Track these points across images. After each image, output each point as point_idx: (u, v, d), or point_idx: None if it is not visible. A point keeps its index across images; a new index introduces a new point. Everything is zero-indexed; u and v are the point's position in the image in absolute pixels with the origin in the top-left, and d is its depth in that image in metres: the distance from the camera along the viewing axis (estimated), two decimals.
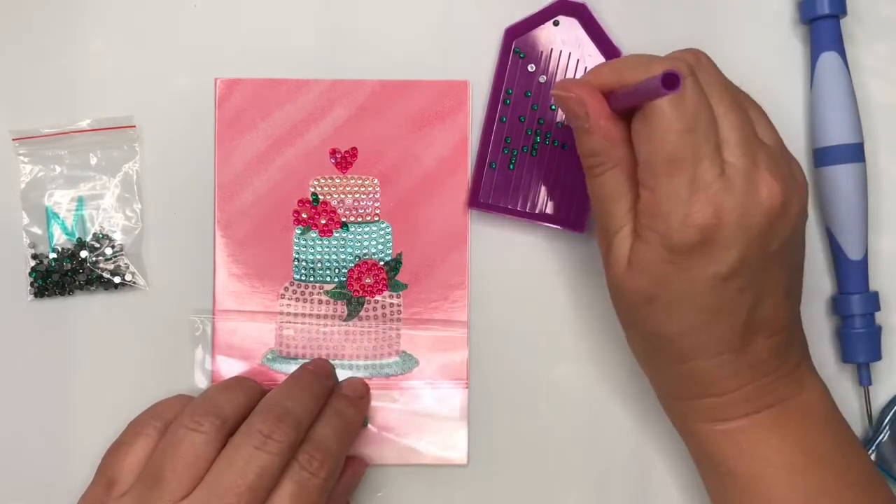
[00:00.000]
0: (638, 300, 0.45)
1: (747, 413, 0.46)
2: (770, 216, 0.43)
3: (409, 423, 0.54)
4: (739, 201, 0.42)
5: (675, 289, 0.43)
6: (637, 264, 0.44)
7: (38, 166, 0.54)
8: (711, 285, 0.43)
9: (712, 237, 0.42)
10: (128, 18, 0.54)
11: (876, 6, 0.55)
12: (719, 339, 0.45)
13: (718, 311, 0.44)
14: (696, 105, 0.42)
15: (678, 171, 0.42)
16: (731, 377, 0.45)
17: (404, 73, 0.54)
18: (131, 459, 0.46)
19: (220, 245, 0.54)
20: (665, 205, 0.42)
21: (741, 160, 0.43)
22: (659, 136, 0.42)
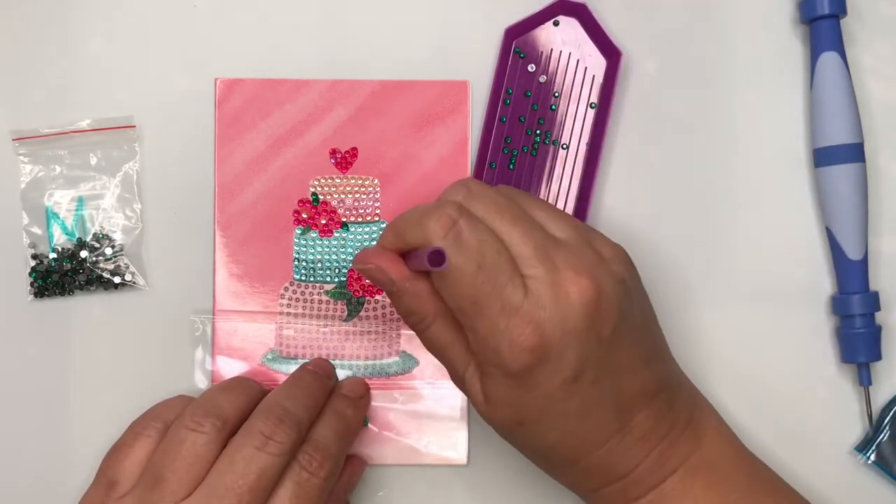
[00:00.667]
0: (509, 427, 0.46)
1: (655, 485, 0.46)
2: (589, 310, 0.43)
3: (409, 423, 0.54)
4: (554, 310, 0.42)
5: (535, 407, 0.44)
6: (492, 397, 0.45)
7: (38, 166, 0.54)
8: (565, 391, 0.43)
9: (544, 352, 0.42)
10: (128, 18, 0.54)
11: (876, 6, 0.55)
12: (598, 432, 0.45)
13: (584, 410, 0.44)
14: (478, 242, 0.43)
15: (486, 307, 0.42)
16: (626, 458, 0.46)
17: (404, 73, 0.54)
18: (132, 460, 0.46)
19: (220, 245, 0.54)
20: (490, 340, 0.43)
21: (540, 270, 0.43)
22: (455, 284, 0.43)
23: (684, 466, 0.46)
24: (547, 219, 0.46)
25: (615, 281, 0.44)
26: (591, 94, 0.54)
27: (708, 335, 0.54)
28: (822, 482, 0.53)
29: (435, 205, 0.45)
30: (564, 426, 0.44)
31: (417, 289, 0.45)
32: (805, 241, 0.55)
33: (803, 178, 0.55)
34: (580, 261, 0.44)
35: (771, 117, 0.54)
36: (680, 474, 0.46)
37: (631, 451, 0.45)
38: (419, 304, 0.45)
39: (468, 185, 0.46)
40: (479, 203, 0.45)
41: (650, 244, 0.54)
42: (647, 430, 0.46)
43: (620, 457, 0.46)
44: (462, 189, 0.46)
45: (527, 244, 0.43)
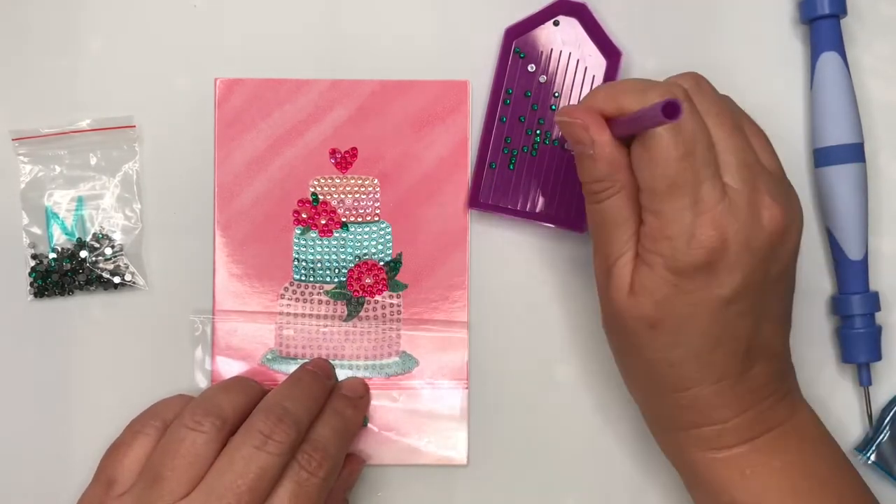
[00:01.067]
0: (640, 326, 0.45)
1: (748, 439, 0.46)
2: (772, 240, 0.43)
3: (409, 423, 0.54)
4: (743, 224, 0.42)
5: (678, 313, 0.43)
6: (641, 289, 0.44)
7: (37, 166, 0.54)
8: (715, 309, 0.43)
9: (717, 259, 0.42)
10: (128, 18, 0.54)
11: (876, 6, 0.55)
12: (720, 365, 0.45)
13: (720, 336, 0.44)
14: (694, 130, 0.42)
15: (680, 195, 0.42)
16: (731, 404, 0.45)
17: (404, 73, 0.54)
18: (131, 459, 0.46)
19: (220, 245, 0.54)
20: (669, 228, 0.42)
21: (741, 184, 0.43)
22: (659, 161, 0.42)
23: (777, 430, 0.46)
24: (759, 145, 0.46)
25: (798, 227, 0.45)
26: None
27: None
28: None
29: (660, 81, 0.44)
30: (694, 344, 0.44)
31: (614, 155, 0.44)
32: (805, 241, 0.54)
33: (803, 178, 0.55)
34: (779, 192, 0.44)
35: (771, 117, 0.54)
36: (772, 437, 0.46)
37: (739, 400, 0.45)
38: (611, 171, 0.44)
39: (698, 78, 0.46)
40: (704, 99, 0.44)
41: None
42: (760, 384, 0.45)
43: (727, 401, 0.45)
44: (691, 80, 0.45)
45: (736, 156, 0.43)
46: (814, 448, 0.47)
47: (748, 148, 0.44)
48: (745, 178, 0.43)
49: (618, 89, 0.44)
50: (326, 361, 0.53)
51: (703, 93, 0.45)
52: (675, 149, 0.42)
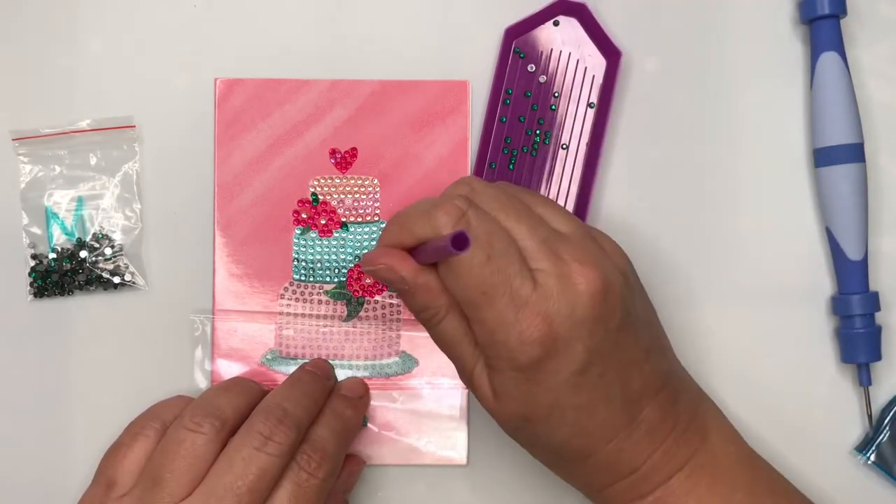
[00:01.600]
0: (517, 423, 0.45)
1: (661, 482, 0.46)
2: (596, 300, 0.43)
3: (408, 423, 0.54)
4: (562, 301, 0.43)
5: (544, 402, 0.44)
6: (501, 393, 0.45)
7: (37, 166, 0.54)
8: (573, 384, 0.43)
9: (552, 344, 0.42)
10: (128, 18, 0.54)
11: (876, 6, 0.55)
12: (607, 426, 0.45)
13: (592, 404, 0.44)
14: (487, 233, 0.43)
15: (495, 298, 0.42)
16: (634, 453, 0.46)
17: (404, 73, 0.54)
18: (130, 460, 0.46)
19: (220, 245, 0.54)
20: (498, 333, 0.43)
21: (547, 263, 0.43)
22: (465, 274, 0.43)
23: (690, 464, 0.46)
24: (549, 214, 0.46)
25: (619, 273, 0.45)
26: (590, 94, 0.54)
27: (708, 335, 0.54)
28: (822, 482, 0.53)
29: (440, 198, 0.45)
30: (573, 421, 0.44)
31: (428, 283, 0.45)
32: (805, 241, 0.55)
33: (803, 178, 0.55)
34: (585, 253, 0.44)
35: (771, 117, 0.54)
36: (686, 472, 0.46)
37: (639, 447, 0.45)
38: (431, 299, 0.45)
39: (471, 182, 0.46)
40: (483, 198, 0.45)
41: (649, 244, 0.54)
42: (654, 424, 0.46)
43: (629, 452, 0.45)
44: (465, 186, 0.46)
45: (532, 238, 0.44)
46: (728, 474, 0.47)
47: (541, 224, 0.45)
48: (549, 256, 0.43)
49: (406, 221, 0.45)
50: (326, 362, 0.53)
51: (480, 193, 0.45)
52: (476, 258, 0.42)
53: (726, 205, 0.55)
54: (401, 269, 0.45)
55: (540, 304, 0.42)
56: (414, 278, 0.45)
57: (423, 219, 0.44)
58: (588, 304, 0.43)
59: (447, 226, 0.43)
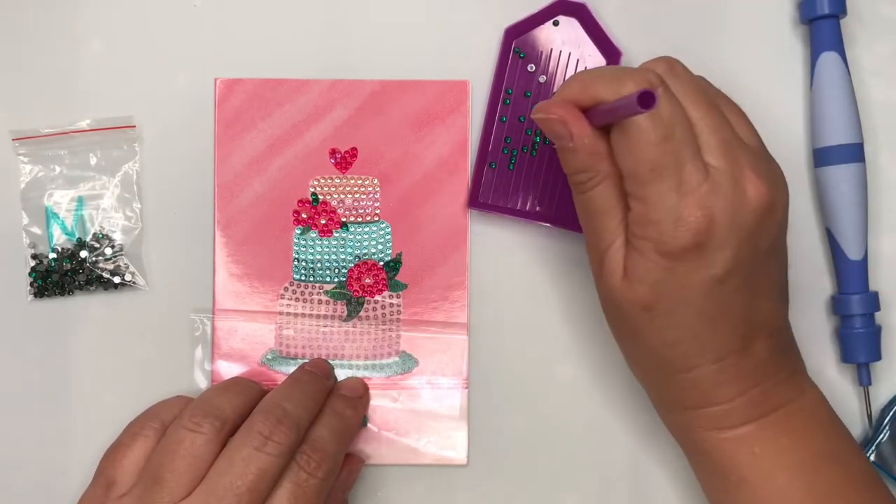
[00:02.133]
0: (636, 311, 0.45)
1: (755, 418, 0.46)
2: (759, 214, 0.43)
3: (408, 423, 0.54)
4: (728, 202, 0.42)
5: (672, 295, 0.43)
6: (633, 274, 0.44)
7: (37, 166, 0.54)
8: (708, 288, 0.43)
9: (705, 239, 0.42)
10: (128, 18, 0.54)
11: (876, 6, 0.55)
12: (720, 343, 0.45)
13: (717, 314, 0.44)
14: (671, 113, 0.42)
15: (663, 178, 0.42)
16: (735, 382, 0.45)
17: (404, 73, 0.54)
18: (130, 460, 0.46)
19: (220, 245, 0.54)
20: (655, 212, 0.42)
21: (723, 162, 0.43)
22: (639, 147, 0.42)
23: (784, 409, 0.46)
24: (737, 121, 0.46)
25: (784, 199, 0.45)
26: None
27: None
28: None
29: (633, 68, 0.44)
30: (692, 325, 0.44)
31: (594, 145, 0.44)
32: (805, 241, 0.55)
33: (803, 178, 0.55)
34: (761, 166, 0.44)
35: (771, 117, 0.54)
36: (780, 415, 0.46)
37: (743, 377, 0.45)
38: (594, 162, 0.44)
39: (671, 62, 0.46)
40: (678, 82, 0.45)
41: None
42: (762, 361, 0.45)
43: (731, 379, 0.45)
44: (664, 64, 0.45)
45: (715, 135, 0.43)
46: (820, 429, 0.47)
47: (727, 125, 0.44)
48: (727, 156, 0.43)
49: (591, 79, 0.44)
50: (325, 361, 0.53)
51: (678, 75, 0.45)
52: (654, 133, 0.42)
53: None
54: (573, 123, 0.44)
55: (706, 197, 0.42)
56: (581, 136, 0.44)
57: (611, 82, 0.43)
58: (751, 214, 0.43)
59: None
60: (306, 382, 0.49)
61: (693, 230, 0.42)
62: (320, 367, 0.52)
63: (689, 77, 0.45)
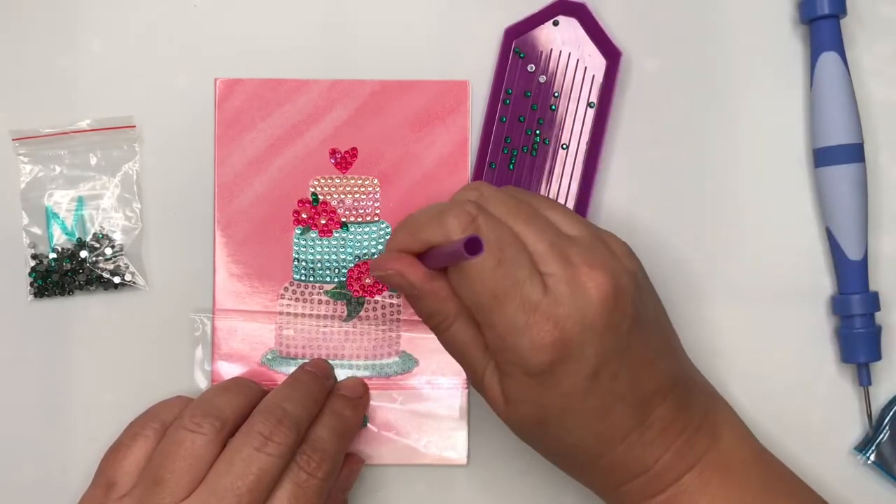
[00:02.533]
0: (529, 427, 0.46)
1: (673, 481, 0.46)
2: (607, 305, 0.43)
3: (408, 423, 0.54)
4: (572, 306, 0.42)
5: (557, 405, 0.44)
6: (512, 397, 0.45)
7: (37, 166, 0.54)
8: (586, 388, 0.43)
9: (564, 349, 0.42)
10: (128, 18, 0.54)
11: (876, 6, 0.55)
12: (618, 428, 0.45)
13: (605, 407, 0.44)
14: (497, 237, 0.43)
15: (506, 302, 0.42)
16: (646, 453, 0.45)
17: (404, 73, 0.54)
18: (130, 461, 0.46)
19: (220, 245, 0.54)
20: (508, 338, 0.43)
21: (556, 267, 0.43)
22: (476, 278, 0.43)
23: (702, 462, 0.46)
24: (558, 217, 0.46)
25: (628, 275, 0.45)
26: (590, 94, 0.54)
27: (708, 335, 0.54)
28: (822, 482, 0.53)
29: (450, 203, 0.45)
30: (586, 423, 0.44)
31: (437, 289, 0.45)
32: (805, 241, 0.55)
33: (803, 178, 0.55)
34: (594, 256, 0.44)
35: (771, 117, 0.54)
36: (698, 470, 0.46)
37: (651, 446, 0.45)
38: (440, 305, 0.45)
39: (479, 187, 0.46)
40: (492, 203, 0.45)
41: (649, 244, 0.54)
42: (666, 424, 0.46)
43: (641, 452, 0.45)
44: (474, 191, 0.46)
45: (542, 242, 0.44)
46: (740, 474, 0.47)
47: (549, 228, 0.45)
48: (558, 260, 0.43)
49: (415, 225, 0.45)
50: (325, 362, 0.53)
51: (490, 198, 0.46)
52: (487, 262, 0.42)
53: (726, 205, 0.55)
54: (410, 274, 0.45)
55: (550, 308, 0.42)
56: (423, 284, 0.45)
57: (434, 224, 0.44)
58: (599, 308, 0.43)
59: (458, 231, 0.43)
60: (306, 383, 0.49)
61: (549, 345, 0.42)
62: (320, 367, 0.52)
63: (500, 195, 0.46)
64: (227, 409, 0.46)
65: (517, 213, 0.45)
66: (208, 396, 0.47)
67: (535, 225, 0.44)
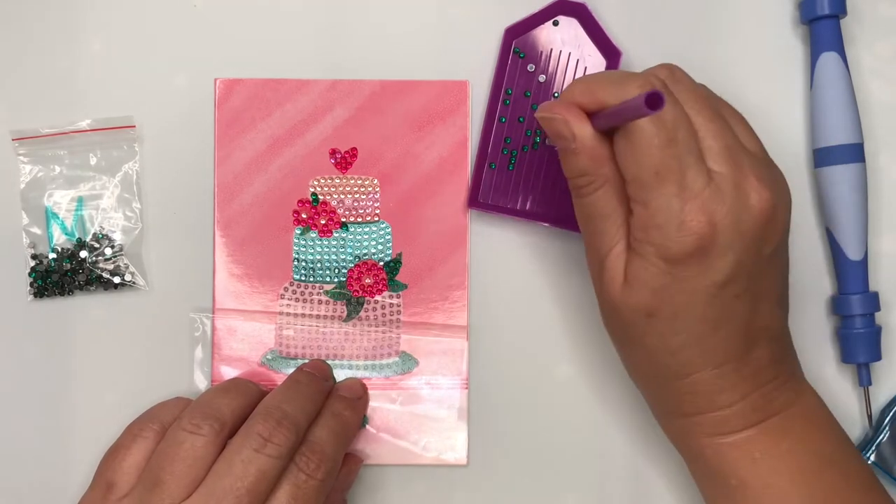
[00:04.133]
0: (638, 316, 0.45)
1: (754, 423, 0.46)
2: (761, 220, 0.43)
3: (408, 424, 0.54)
4: (730, 207, 0.42)
5: (674, 300, 0.43)
6: (635, 279, 0.44)
7: (37, 166, 0.54)
8: (710, 294, 0.43)
9: (708, 245, 0.42)
10: (128, 18, 0.54)
11: (876, 6, 0.55)
12: (721, 349, 0.45)
13: (718, 320, 0.44)
14: (674, 118, 0.42)
15: (666, 182, 0.42)
16: (735, 387, 0.45)
17: (404, 73, 0.54)
18: (130, 462, 0.46)
19: (220, 245, 0.54)
20: (658, 217, 0.42)
21: (726, 167, 0.43)
22: (643, 151, 0.42)
23: (783, 413, 0.46)
24: (739, 128, 0.46)
25: (786, 205, 0.45)
26: None
27: None
28: None
29: (639, 73, 0.44)
30: (693, 330, 0.44)
31: (597, 148, 0.44)
32: (805, 241, 0.55)
33: (803, 178, 0.55)
34: (764, 172, 0.44)
35: (771, 117, 0.54)
36: (779, 420, 0.46)
37: (742, 383, 0.45)
38: (594, 165, 0.44)
39: (672, 68, 0.46)
40: (681, 87, 0.45)
41: None
42: (762, 366, 0.45)
43: (731, 385, 0.45)
44: (666, 70, 0.46)
45: (718, 141, 0.43)
46: (819, 431, 0.47)
47: (729, 132, 0.44)
48: (730, 162, 0.43)
49: (595, 82, 0.44)
50: (324, 363, 0.53)
51: (680, 82, 0.45)
52: (658, 138, 0.42)
53: None
54: (576, 124, 0.44)
55: (709, 202, 0.42)
56: (585, 138, 0.44)
57: (615, 86, 0.43)
58: (754, 220, 0.43)
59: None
60: (305, 384, 0.49)
61: (696, 235, 0.42)
62: (319, 368, 0.52)
63: (691, 83, 0.45)
64: (226, 410, 0.46)
65: (702, 106, 0.44)
66: (207, 398, 0.48)
67: (717, 123, 0.44)
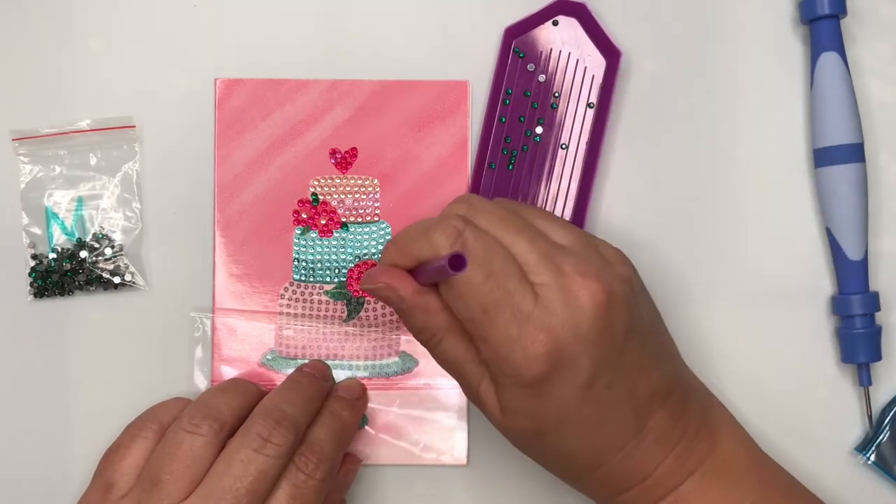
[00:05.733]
0: (528, 437, 0.45)
1: (673, 487, 0.46)
2: (600, 312, 0.43)
3: (408, 424, 0.54)
4: (564, 315, 0.42)
5: (552, 416, 0.44)
6: (508, 408, 0.44)
7: (37, 166, 0.54)
8: (581, 397, 0.43)
9: (556, 359, 0.42)
10: (128, 18, 0.54)
11: (876, 6, 0.55)
12: (616, 436, 0.45)
13: (602, 415, 0.44)
14: (485, 250, 0.43)
15: (497, 315, 0.42)
16: (645, 461, 0.45)
17: (404, 74, 0.54)
18: (129, 462, 0.46)
19: (220, 245, 0.54)
20: (502, 349, 0.43)
21: (547, 276, 0.43)
22: (465, 293, 0.43)
23: (701, 468, 0.46)
24: (549, 227, 0.46)
25: (622, 282, 0.44)
26: (590, 94, 0.54)
27: (708, 335, 0.54)
28: (822, 482, 0.53)
29: (438, 218, 0.45)
30: (583, 433, 0.44)
31: (427, 303, 0.45)
32: (805, 241, 0.55)
33: (803, 178, 0.55)
34: (587, 264, 0.43)
35: (771, 117, 0.54)
36: (698, 475, 0.46)
37: (649, 454, 0.45)
38: (430, 319, 0.45)
39: (469, 199, 0.46)
40: (481, 216, 0.45)
41: (649, 244, 0.54)
42: (664, 431, 0.45)
43: (639, 460, 0.45)
44: (463, 205, 0.46)
45: (532, 252, 0.43)
46: (739, 476, 0.47)
47: (539, 238, 0.44)
48: (549, 269, 0.43)
49: (403, 241, 0.45)
50: (323, 363, 0.53)
51: (479, 210, 0.45)
52: (475, 277, 0.42)
53: (726, 205, 0.55)
54: (400, 288, 0.45)
55: (543, 318, 0.42)
56: (412, 298, 0.45)
57: (421, 240, 0.44)
58: (592, 316, 0.42)
59: (445, 246, 0.43)
60: (304, 384, 0.49)
61: (542, 355, 0.42)
62: (318, 368, 0.52)
63: (489, 206, 0.46)
64: (225, 410, 0.46)
65: (507, 225, 0.44)
66: (207, 398, 0.48)
67: (525, 235, 0.44)
